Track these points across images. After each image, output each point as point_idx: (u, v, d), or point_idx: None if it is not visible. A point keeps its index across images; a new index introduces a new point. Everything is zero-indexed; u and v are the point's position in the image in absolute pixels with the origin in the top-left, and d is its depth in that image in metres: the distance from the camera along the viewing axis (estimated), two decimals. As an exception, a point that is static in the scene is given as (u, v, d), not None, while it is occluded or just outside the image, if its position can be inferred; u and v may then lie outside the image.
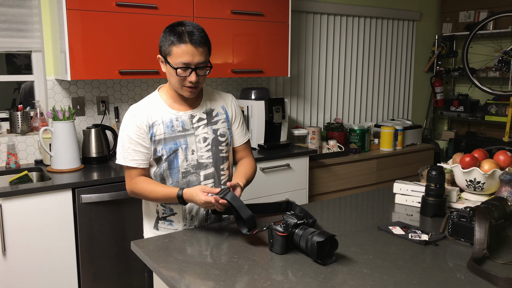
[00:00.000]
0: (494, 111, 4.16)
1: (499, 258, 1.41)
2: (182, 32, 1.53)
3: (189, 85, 1.59)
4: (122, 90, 3.03)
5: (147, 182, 1.64)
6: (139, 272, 2.57)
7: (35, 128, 2.81)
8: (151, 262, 1.41)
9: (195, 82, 1.58)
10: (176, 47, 1.53)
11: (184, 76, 1.56)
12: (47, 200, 2.27)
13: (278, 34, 3.16)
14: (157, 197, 1.62)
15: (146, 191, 1.63)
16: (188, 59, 1.54)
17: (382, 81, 4.34)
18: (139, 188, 1.64)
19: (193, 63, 1.55)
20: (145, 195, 1.64)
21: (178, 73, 1.56)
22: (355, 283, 1.25)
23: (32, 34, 2.80)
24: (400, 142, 3.95)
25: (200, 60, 1.55)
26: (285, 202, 1.70)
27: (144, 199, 1.69)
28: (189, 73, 1.56)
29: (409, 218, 1.81)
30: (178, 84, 1.60)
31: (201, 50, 1.55)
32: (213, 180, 1.73)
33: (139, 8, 2.62)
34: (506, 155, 1.92)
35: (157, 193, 1.61)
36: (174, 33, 1.54)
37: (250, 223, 1.50)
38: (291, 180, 3.12)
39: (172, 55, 1.55)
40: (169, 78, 1.63)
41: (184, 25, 1.56)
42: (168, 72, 1.61)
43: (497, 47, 4.20)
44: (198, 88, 1.63)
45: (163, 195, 1.61)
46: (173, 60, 1.55)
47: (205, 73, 1.61)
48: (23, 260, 2.25)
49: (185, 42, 1.53)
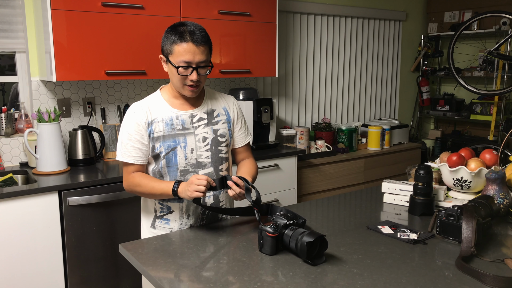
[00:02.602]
0: (479, 110, 4.21)
1: (487, 255, 1.43)
2: (184, 32, 1.56)
3: (190, 84, 1.61)
4: (109, 91, 3.00)
5: (143, 176, 1.67)
6: (128, 275, 2.54)
7: (20, 130, 2.77)
8: (140, 265, 1.39)
9: (196, 81, 1.60)
10: (178, 46, 1.56)
11: (185, 75, 1.59)
12: (33, 203, 2.24)
13: (265, 34, 3.16)
14: (152, 191, 1.63)
15: (142, 184, 1.64)
16: (189, 57, 1.56)
17: (369, 81, 4.37)
18: (136, 182, 1.65)
19: (194, 62, 1.57)
20: (141, 189, 1.65)
21: (179, 71, 1.58)
22: (345, 283, 1.25)
23: (16, 35, 2.76)
24: (388, 141, 3.98)
25: (201, 59, 1.58)
26: (265, 205, 1.70)
27: (140, 194, 1.70)
28: (190, 72, 1.58)
29: (398, 217, 1.82)
30: (180, 83, 1.62)
31: (202, 49, 1.57)
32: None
33: (125, 8, 2.60)
34: (492, 154, 1.95)
35: (153, 188, 1.62)
36: (176, 32, 1.57)
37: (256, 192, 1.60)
38: (280, 180, 3.12)
39: (173, 54, 1.57)
40: (171, 78, 1.65)
41: (185, 25, 1.59)
42: (170, 71, 1.63)
43: (482, 47, 4.26)
44: (200, 88, 1.65)
45: (159, 190, 1.62)
46: (174, 59, 1.58)
47: (206, 72, 1.63)
48: (9, 264, 2.22)
49: (186, 41, 1.55)
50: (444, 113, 4.49)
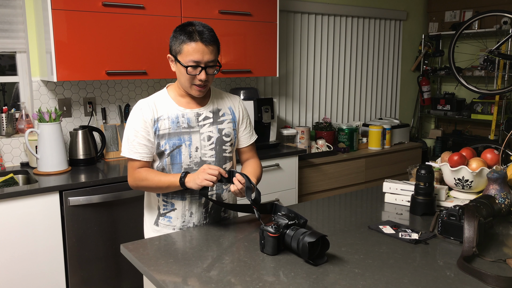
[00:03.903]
0: (480, 109, 4.21)
1: (488, 255, 1.42)
2: (193, 31, 1.56)
3: (198, 83, 1.61)
4: (109, 91, 3.00)
5: (150, 170, 1.67)
6: (129, 275, 2.54)
7: (20, 130, 2.77)
8: (141, 265, 1.39)
9: (205, 80, 1.60)
10: (187, 45, 1.56)
11: (194, 74, 1.59)
12: (33, 203, 2.23)
13: (266, 34, 3.15)
14: (159, 183, 1.63)
15: (149, 176, 1.64)
16: (198, 57, 1.56)
17: (370, 81, 4.36)
18: (143, 176, 1.65)
19: (203, 61, 1.57)
20: (148, 182, 1.65)
21: (188, 71, 1.58)
22: (346, 283, 1.25)
23: (17, 35, 2.75)
24: (388, 141, 3.98)
25: (209, 58, 1.58)
26: (269, 203, 1.71)
27: (147, 188, 1.69)
28: (199, 71, 1.58)
29: (399, 217, 1.82)
30: (188, 83, 1.62)
31: (211, 48, 1.58)
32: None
33: (126, 8, 2.60)
34: (493, 153, 1.95)
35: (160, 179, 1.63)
36: (185, 32, 1.57)
37: (257, 192, 1.57)
38: (281, 180, 3.12)
39: (182, 53, 1.58)
40: (179, 77, 1.65)
41: (194, 25, 1.59)
42: (178, 71, 1.63)
43: (482, 46, 4.25)
44: (207, 88, 1.66)
45: (166, 180, 1.63)
46: (183, 58, 1.58)
47: (214, 72, 1.63)
48: (10, 264, 2.22)
49: (195, 40, 1.55)
50: (445, 112, 4.49)
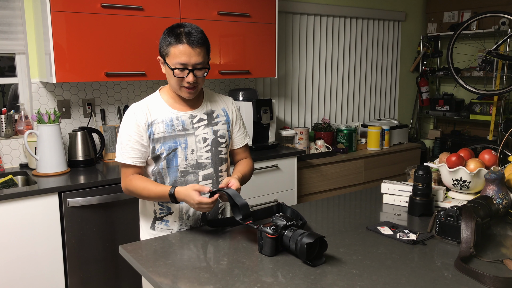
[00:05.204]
0: (478, 110, 4.21)
1: (486, 256, 1.43)
2: (180, 33, 1.56)
3: (187, 86, 1.60)
4: (108, 92, 3.01)
5: (141, 179, 1.65)
6: (128, 276, 2.55)
7: (19, 131, 2.77)
8: (140, 267, 1.40)
9: (193, 82, 1.59)
10: (174, 48, 1.56)
11: (181, 76, 1.58)
12: (33, 205, 2.24)
13: (265, 35, 3.16)
14: (149, 194, 1.63)
15: (140, 188, 1.63)
16: (185, 59, 1.55)
17: (369, 81, 4.37)
18: (133, 186, 1.65)
19: (190, 64, 1.56)
20: (139, 192, 1.65)
21: (175, 73, 1.58)
22: (344, 284, 1.25)
23: (16, 36, 2.76)
24: (387, 141, 3.98)
25: (197, 60, 1.57)
26: (275, 205, 1.71)
27: (138, 196, 1.69)
28: (187, 74, 1.58)
29: (397, 217, 1.83)
30: (177, 85, 1.61)
31: (198, 50, 1.56)
32: (211, 181, 1.74)
33: (124, 9, 2.60)
34: (491, 154, 1.95)
35: (150, 191, 1.62)
36: (172, 34, 1.56)
37: (244, 210, 1.51)
38: (280, 181, 3.13)
39: (169, 55, 1.57)
40: (168, 79, 1.65)
41: (183, 26, 1.58)
42: (167, 73, 1.63)
43: (481, 47, 4.26)
44: (197, 89, 1.65)
45: (156, 193, 1.61)
46: (170, 60, 1.57)
47: (203, 74, 1.62)
48: (9, 265, 2.22)
49: (182, 42, 1.55)
50: (444, 113, 4.49)
